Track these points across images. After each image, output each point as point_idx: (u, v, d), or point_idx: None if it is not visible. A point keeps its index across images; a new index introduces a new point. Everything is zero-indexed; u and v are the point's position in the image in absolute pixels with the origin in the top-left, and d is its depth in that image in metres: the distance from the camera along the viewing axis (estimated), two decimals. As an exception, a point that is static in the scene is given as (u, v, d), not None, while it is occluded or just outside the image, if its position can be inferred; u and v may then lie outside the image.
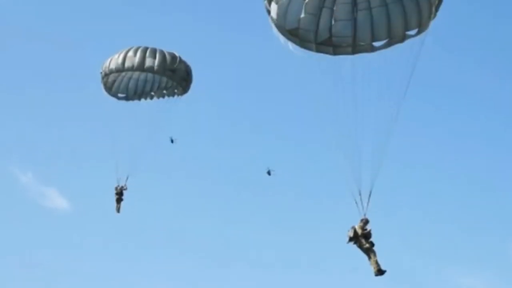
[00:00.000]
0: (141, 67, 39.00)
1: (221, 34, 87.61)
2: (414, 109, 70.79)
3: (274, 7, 26.89)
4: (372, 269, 26.48)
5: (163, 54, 39.62)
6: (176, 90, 41.55)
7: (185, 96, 41.94)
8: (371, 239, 26.65)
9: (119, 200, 42.68)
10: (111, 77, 40.80)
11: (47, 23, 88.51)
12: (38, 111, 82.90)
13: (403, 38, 27.05)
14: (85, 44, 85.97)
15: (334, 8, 27.11)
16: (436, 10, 26.28)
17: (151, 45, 40.01)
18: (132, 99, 42.12)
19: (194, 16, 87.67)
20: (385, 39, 27.36)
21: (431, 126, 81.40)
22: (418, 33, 26.87)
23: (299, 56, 27.82)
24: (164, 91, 41.83)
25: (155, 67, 39.07)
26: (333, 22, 27.34)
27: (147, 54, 39.15)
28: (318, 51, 27.84)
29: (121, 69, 39.51)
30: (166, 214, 73.09)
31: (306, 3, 26.91)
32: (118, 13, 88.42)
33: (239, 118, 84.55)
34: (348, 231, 26.81)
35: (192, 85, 41.70)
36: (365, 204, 26.63)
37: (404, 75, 26.53)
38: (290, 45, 27.69)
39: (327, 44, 27.76)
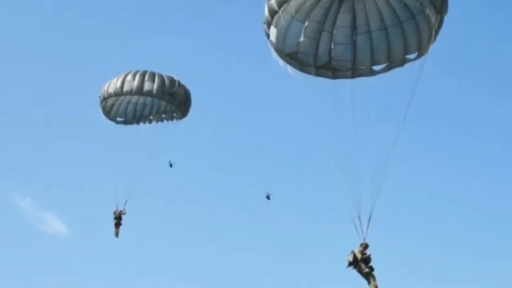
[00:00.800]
0: (140, 91, 38.91)
1: (220, 58, 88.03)
2: (414, 132, 70.78)
3: (273, 31, 26.79)
4: (372, 294, 26.28)
5: (162, 78, 39.54)
6: (175, 114, 41.44)
7: (184, 120, 41.83)
8: (371, 264, 26.46)
9: (117, 224, 42.40)
10: (110, 101, 40.60)
11: (46, 46, 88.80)
12: (37, 135, 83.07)
13: (403, 62, 26.97)
14: (84, 67, 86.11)
15: (334, 32, 27.08)
16: (436, 34, 26.13)
17: (150, 69, 40.04)
18: (131, 123, 41.92)
19: (192, 40, 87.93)
20: (384, 63, 27.30)
21: (431, 150, 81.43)
22: (418, 57, 26.73)
23: (298, 80, 27.74)
24: (163, 115, 41.69)
25: (154, 91, 38.97)
26: (332, 45, 27.32)
27: (146, 78, 39.07)
28: (317, 74, 27.76)
29: (119, 93, 39.40)
30: (165, 239, 72.88)
31: (305, 27, 26.86)
32: (117, 37, 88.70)
33: (238, 142, 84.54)
34: (348, 255, 26.64)
35: (191, 109, 41.60)
36: (364, 229, 26.52)
37: (403, 98, 26.41)
38: (290, 69, 27.60)
39: (327, 67, 27.68)
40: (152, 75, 39.40)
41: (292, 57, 27.50)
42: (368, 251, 26.49)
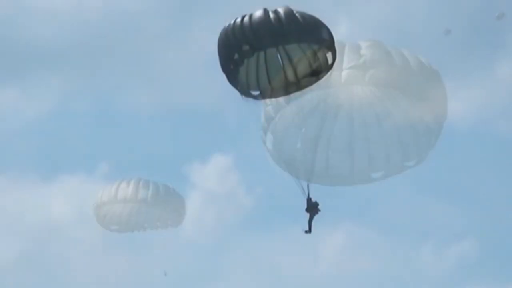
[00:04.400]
0: (134, 199, 38.83)
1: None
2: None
3: (270, 137, 26.70)
4: None
5: (156, 186, 39.55)
6: (169, 222, 41.18)
7: (179, 228, 41.59)
8: None
9: (108, 337, 41.65)
10: (104, 209, 40.44)
11: (37, 154, 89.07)
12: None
13: (401, 169, 26.80)
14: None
15: (331, 139, 27.06)
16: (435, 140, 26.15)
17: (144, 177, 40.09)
18: (125, 231, 41.62)
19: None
20: (382, 170, 27.12)
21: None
22: (417, 164, 26.56)
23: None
24: (158, 223, 41.42)
25: (148, 199, 38.96)
26: (330, 153, 27.25)
27: (140, 185, 39.14)
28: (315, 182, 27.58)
29: (113, 201, 39.31)
30: None
31: (302, 133, 26.84)
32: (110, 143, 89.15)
33: (235, 251, 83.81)
34: None
35: (186, 217, 41.40)
36: None
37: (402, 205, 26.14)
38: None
39: (324, 175, 27.52)
40: (147, 183, 39.51)
41: (289, 164, 27.33)
42: None
